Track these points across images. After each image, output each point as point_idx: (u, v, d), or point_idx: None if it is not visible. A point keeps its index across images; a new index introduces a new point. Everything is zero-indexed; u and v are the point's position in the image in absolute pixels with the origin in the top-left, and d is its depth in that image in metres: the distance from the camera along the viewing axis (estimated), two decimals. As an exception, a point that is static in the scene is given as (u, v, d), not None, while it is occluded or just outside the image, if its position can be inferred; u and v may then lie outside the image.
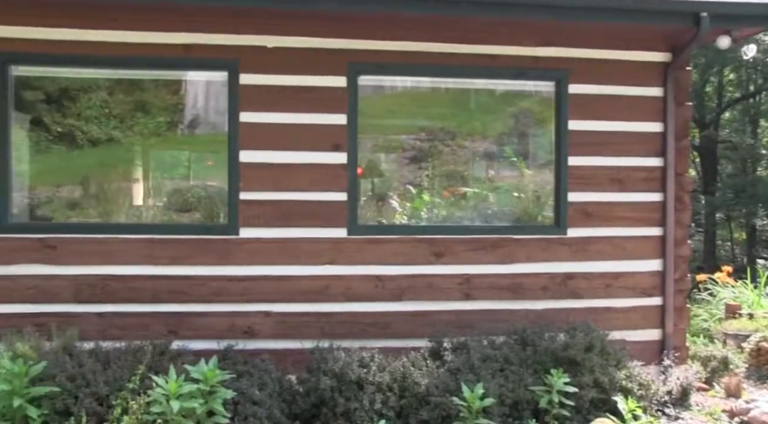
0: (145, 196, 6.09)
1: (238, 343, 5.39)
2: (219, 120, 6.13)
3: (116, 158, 6.02)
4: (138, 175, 6.06)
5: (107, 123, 5.87)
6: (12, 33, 5.46)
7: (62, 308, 5.51)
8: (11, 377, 4.29)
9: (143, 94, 5.98)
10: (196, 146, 6.23)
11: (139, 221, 5.92)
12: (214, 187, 6.10)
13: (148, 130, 5.96)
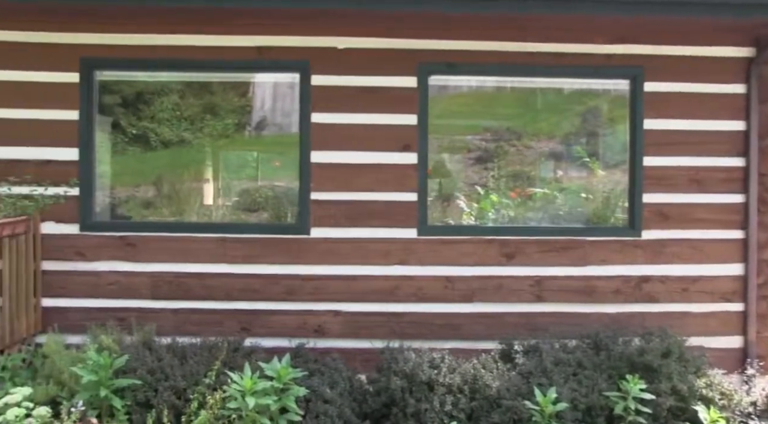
0: (215, 196, 6.23)
1: (309, 341, 5.46)
2: (285, 121, 6.22)
3: (187, 159, 6.18)
4: (208, 176, 6.21)
5: (179, 125, 6.03)
6: (96, 40, 5.69)
7: (141, 303, 5.71)
8: (97, 368, 4.47)
9: (212, 97, 6.12)
10: (264, 147, 6.35)
11: (210, 220, 6.06)
12: (281, 187, 6.19)
13: (217, 132, 6.10)
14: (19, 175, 5.49)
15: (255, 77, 6.22)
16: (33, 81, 5.71)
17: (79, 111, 5.69)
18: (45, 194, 5.45)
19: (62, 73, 5.71)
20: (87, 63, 5.70)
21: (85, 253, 5.70)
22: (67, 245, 5.70)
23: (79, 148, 5.69)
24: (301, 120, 5.73)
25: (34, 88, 5.70)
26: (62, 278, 5.71)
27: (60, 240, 5.69)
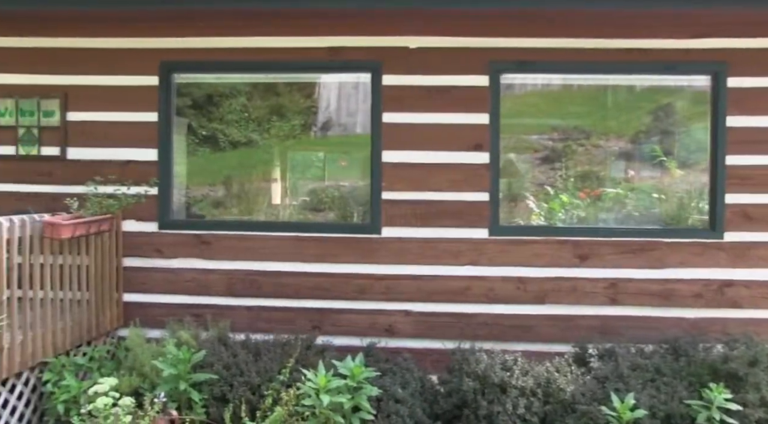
0: (282, 195, 6.32)
1: (379, 341, 5.48)
2: (350, 121, 6.26)
3: (255, 160, 6.29)
4: (276, 176, 6.30)
5: (246, 126, 6.15)
6: (174, 44, 5.86)
7: (216, 300, 5.85)
8: (176, 362, 4.60)
9: (279, 99, 6.21)
10: (329, 147, 6.39)
11: (279, 219, 6.13)
12: (346, 187, 6.24)
13: (284, 133, 6.18)
14: (103, 175, 5.71)
15: (321, 78, 6.27)
16: (115, 85, 5.93)
17: (157, 113, 5.88)
18: (127, 193, 5.65)
19: (142, 76, 5.91)
20: (166, 66, 5.88)
21: (163, 250, 5.89)
22: (146, 242, 5.90)
23: (158, 149, 5.88)
24: (373, 120, 5.76)
25: (116, 91, 5.92)
26: (142, 275, 5.91)
27: (140, 238, 5.90)
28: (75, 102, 5.97)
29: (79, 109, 5.97)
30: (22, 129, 5.99)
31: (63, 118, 5.95)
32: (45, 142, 5.99)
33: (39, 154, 5.98)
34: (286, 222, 6.08)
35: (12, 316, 4.42)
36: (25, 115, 5.98)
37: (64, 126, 5.96)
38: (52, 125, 5.97)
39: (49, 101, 5.96)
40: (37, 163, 5.99)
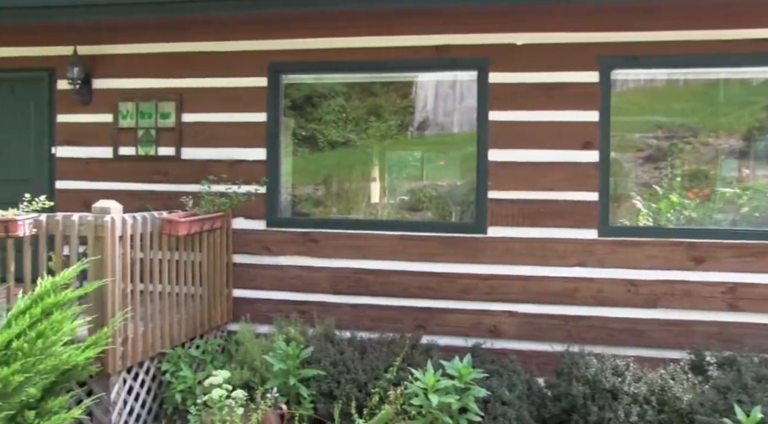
0: (381, 195, 6.34)
1: (484, 341, 5.41)
2: (447, 121, 6.20)
3: (352, 159, 6.34)
4: (374, 175, 6.33)
5: (344, 126, 6.21)
6: (283, 46, 6.00)
7: (321, 297, 5.95)
8: (285, 357, 4.71)
9: (376, 99, 6.23)
10: (426, 147, 6.35)
11: (378, 218, 6.15)
12: (444, 187, 6.19)
13: (381, 133, 6.20)
14: (214, 174, 5.92)
15: (419, 78, 6.24)
16: (225, 86, 6.14)
17: (266, 113, 6.04)
18: (238, 192, 5.83)
19: (251, 78, 6.09)
20: (274, 68, 6.03)
21: (270, 248, 6.05)
22: (255, 239, 6.07)
23: (267, 149, 6.05)
24: (479, 118, 5.69)
25: (227, 93, 6.13)
26: (251, 271, 6.09)
27: (248, 235, 6.08)
28: (189, 104, 6.23)
29: (192, 111, 6.22)
30: (141, 130, 6.30)
31: (178, 119, 6.22)
32: (161, 143, 6.28)
33: (156, 155, 6.28)
34: (391, 221, 6.09)
35: (135, 308, 4.66)
36: (144, 117, 6.29)
37: (179, 127, 6.23)
38: (168, 126, 6.25)
39: (165, 103, 6.24)
40: (154, 163, 6.30)
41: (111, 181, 6.38)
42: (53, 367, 3.66)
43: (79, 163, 6.50)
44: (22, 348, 3.56)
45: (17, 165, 6.73)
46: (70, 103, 6.48)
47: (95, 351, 3.90)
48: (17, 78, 6.74)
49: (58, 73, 6.50)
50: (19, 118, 6.74)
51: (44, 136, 6.63)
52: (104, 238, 4.36)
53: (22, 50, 6.64)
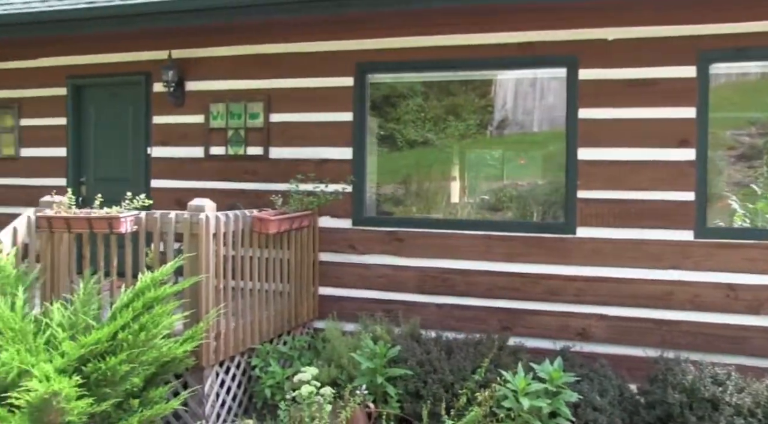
0: (461, 194, 6.28)
1: (573, 344, 5.29)
2: (527, 120, 6.09)
3: (431, 159, 6.30)
4: (454, 175, 6.28)
5: (423, 126, 6.18)
6: (369, 45, 6.04)
7: (406, 296, 5.95)
8: (373, 356, 4.74)
9: (454, 99, 6.18)
10: (506, 146, 6.25)
11: (468, 218, 6.09)
12: (524, 186, 6.07)
13: (459, 132, 6.14)
14: (301, 173, 6.02)
15: (497, 77, 6.15)
16: (312, 87, 6.24)
17: (352, 113, 6.09)
18: (326, 191, 5.90)
19: (338, 78, 6.15)
20: (361, 68, 6.07)
21: (356, 246, 6.09)
22: (341, 238, 6.14)
23: (353, 148, 6.10)
24: (568, 116, 5.56)
25: (314, 93, 6.22)
26: (336, 269, 6.16)
27: (335, 233, 6.15)
28: (277, 104, 6.36)
29: (280, 111, 6.35)
30: (231, 131, 6.48)
31: (266, 119, 6.36)
32: (250, 143, 6.43)
33: (245, 154, 6.44)
34: (476, 220, 6.02)
35: (226, 304, 4.78)
36: (234, 117, 6.46)
37: (267, 127, 6.36)
38: (256, 127, 6.40)
39: (254, 104, 6.40)
40: (243, 162, 6.46)
41: (202, 180, 6.59)
42: (155, 359, 3.81)
43: (172, 162, 6.75)
44: (127, 340, 3.72)
45: (117, 165, 7.06)
46: (165, 106, 6.74)
47: (192, 345, 4.03)
48: (117, 83, 7.07)
49: (154, 77, 6.76)
50: (119, 121, 7.07)
51: (141, 138, 6.92)
52: (199, 235, 4.49)
53: (121, 56, 6.95)
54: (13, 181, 7.52)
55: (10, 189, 7.51)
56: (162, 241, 4.72)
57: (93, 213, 4.65)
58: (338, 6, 5.51)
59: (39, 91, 7.39)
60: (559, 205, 5.73)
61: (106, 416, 3.79)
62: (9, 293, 4.21)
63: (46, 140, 7.36)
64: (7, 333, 3.83)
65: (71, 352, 3.68)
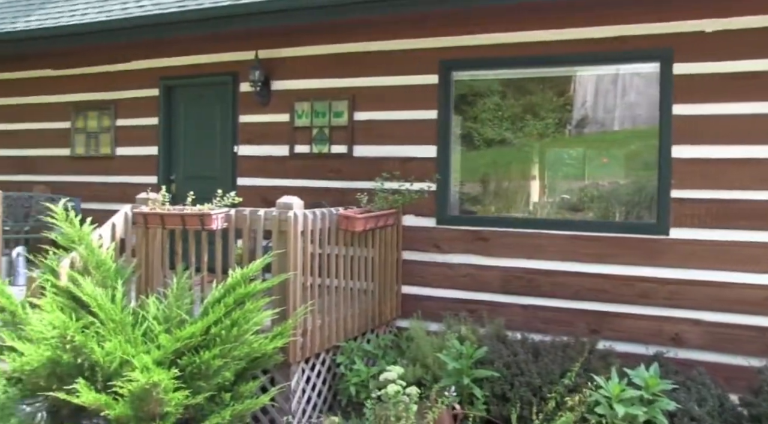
0: (540, 194, 6.13)
1: (666, 350, 5.07)
2: (608, 117, 5.88)
3: (510, 158, 6.17)
4: (533, 174, 6.14)
5: (500, 125, 6.06)
6: (454, 42, 5.98)
7: (490, 297, 5.86)
8: (459, 356, 4.68)
9: (532, 97, 6.03)
10: (587, 145, 6.05)
11: (554, 217, 5.94)
12: (605, 186, 5.86)
13: (537, 131, 5.99)
14: (386, 171, 6.01)
15: (575, 73, 5.95)
16: (396, 85, 6.23)
17: (437, 111, 6.05)
18: (411, 189, 5.87)
19: (422, 76, 6.12)
20: (446, 65, 6.02)
21: (440, 245, 6.05)
22: (424, 237, 6.10)
23: (437, 146, 6.05)
24: (661, 112, 5.34)
25: (398, 91, 6.21)
26: (419, 268, 6.13)
27: (418, 232, 6.12)
28: (361, 102, 6.38)
29: (364, 109, 6.37)
30: (315, 129, 6.55)
31: (350, 118, 6.39)
32: (334, 141, 6.49)
33: (329, 152, 6.49)
34: (562, 220, 5.87)
35: (313, 302, 4.82)
36: (318, 116, 6.53)
37: (351, 125, 6.40)
38: (340, 125, 6.45)
39: (338, 102, 6.44)
40: (327, 161, 6.52)
41: (287, 179, 6.69)
42: (246, 354, 3.89)
43: (257, 161, 6.89)
44: (220, 334, 3.81)
45: (205, 163, 7.26)
46: (251, 105, 6.88)
47: (282, 341, 4.09)
48: (205, 83, 7.28)
49: (241, 77, 6.91)
50: (207, 120, 7.27)
51: (228, 137, 7.09)
52: (287, 232, 4.55)
53: (209, 57, 7.15)
54: (109, 178, 7.86)
55: (106, 186, 7.86)
56: (251, 238, 4.81)
57: (186, 210, 4.79)
58: (425, 4, 5.48)
59: (133, 93, 7.69)
60: (644, 206, 5.53)
61: (200, 409, 3.89)
62: (109, 286, 4.38)
63: (139, 139, 7.66)
64: (108, 324, 3.99)
65: (167, 345, 3.79)
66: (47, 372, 3.74)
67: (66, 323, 3.72)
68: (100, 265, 4.50)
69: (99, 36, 7.09)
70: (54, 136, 8.31)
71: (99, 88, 7.93)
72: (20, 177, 8.50)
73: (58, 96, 8.26)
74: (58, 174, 8.26)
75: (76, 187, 7.96)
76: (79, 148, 8.10)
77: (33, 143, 8.50)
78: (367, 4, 5.63)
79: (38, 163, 8.45)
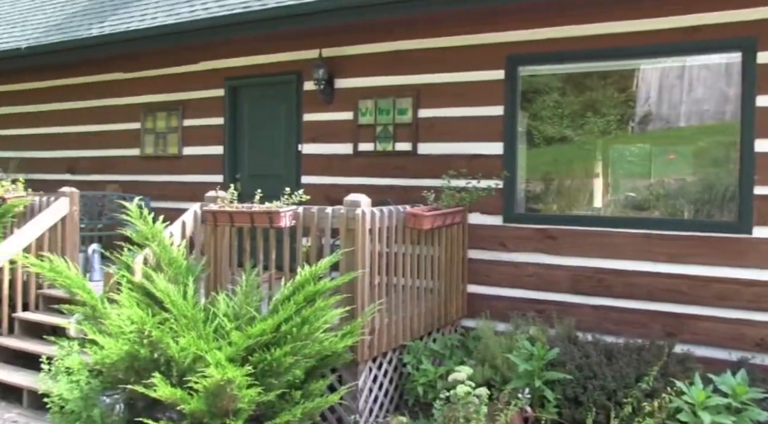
0: (604, 192, 5.93)
1: (752, 356, 4.83)
2: (673, 114, 5.65)
3: (572, 155, 5.99)
4: (597, 171, 5.94)
5: (560, 122, 5.89)
6: (520, 37, 5.85)
7: (559, 297, 5.71)
8: (529, 358, 4.56)
9: (592, 94, 5.84)
10: (651, 141, 5.81)
11: (626, 215, 5.74)
12: (671, 183, 5.61)
13: (598, 129, 5.79)
14: (451, 168, 5.91)
15: (641, 69, 5.72)
16: (461, 81, 6.14)
17: (503, 107, 5.92)
18: (478, 187, 5.77)
19: (488, 71, 6.01)
20: (512, 60, 5.89)
21: (507, 244, 5.92)
22: (490, 235, 5.99)
23: (503, 143, 5.93)
24: (743, 105, 5.08)
25: (463, 87, 6.11)
26: (485, 267, 6.02)
27: (484, 230, 6.01)
28: (425, 99, 6.31)
29: (428, 106, 6.30)
30: (379, 127, 6.51)
31: (414, 115, 6.33)
32: (399, 139, 6.43)
33: (393, 150, 6.45)
34: (637, 218, 5.63)
35: (381, 300, 4.78)
36: (382, 114, 6.49)
37: (416, 123, 6.33)
38: (404, 122, 6.39)
39: (402, 100, 6.39)
40: (391, 158, 6.48)
41: (351, 177, 6.68)
42: (317, 352, 3.87)
43: (321, 159, 6.90)
44: (291, 332, 3.80)
45: (269, 162, 7.32)
46: (315, 103, 6.89)
47: (352, 340, 4.06)
48: (269, 82, 7.34)
49: (304, 76, 6.93)
50: (271, 120, 7.33)
51: (292, 135, 7.13)
52: (355, 230, 4.52)
53: (273, 57, 7.21)
54: (176, 178, 8.02)
55: (173, 185, 8.01)
56: (317, 236, 4.80)
57: (254, 208, 4.81)
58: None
59: (200, 93, 7.83)
60: (715, 204, 5.29)
61: (270, 406, 3.90)
62: (181, 283, 4.44)
63: (205, 139, 7.79)
64: (181, 320, 4.03)
65: (239, 342, 3.80)
66: (125, 365, 3.81)
67: (143, 319, 3.78)
68: (172, 262, 4.56)
69: (167, 38, 7.23)
70: (125, 137, 8.54)
71: (167, 90, 8.10)
72: (94, 177, 8.77)
73: (129, 98, 8.48)
74: (129, 174, 8.48)
75: (145, 187, 8.16)
76: (148, 148, 8.30)
77: (106, 144, 8.76)
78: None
79: (110, 163, 8.70)
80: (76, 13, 8.99)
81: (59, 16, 9.17)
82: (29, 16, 9.79)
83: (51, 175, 9.19)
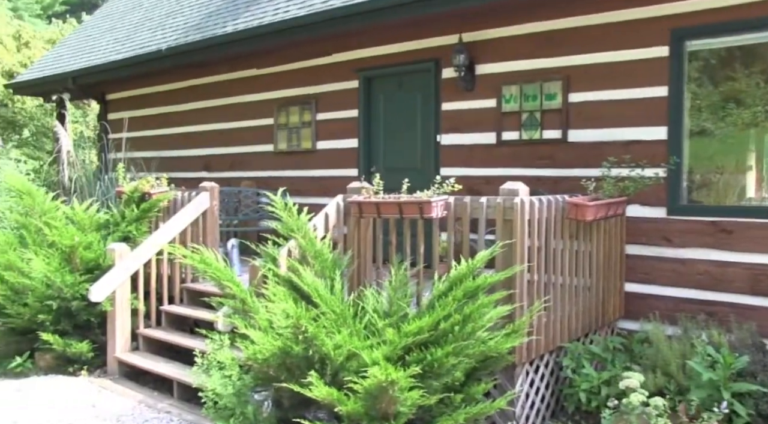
0: (757, 188, 5.21)
1: None
2: None
3: (739, 140, 5.28)
4: (750, 163, 5.23)
5: (698, 116, 5.33)
6: (682, 8, 5.26)
7: (734, 298, 5.08)
8: (712, 365, 4.03)
9: (734, 84, 5.12)
10: None
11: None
12: None
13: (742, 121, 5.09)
14: (604, 156, 5.41)
15: None
16: (616, 61, 5.62)
17: (667, 87, 5.36)
18: (643, 175, 5.24)
19: (648, 48, 5.46)
20: (677, 34, 5.31)
21: (671, 238, 5.35)
22: (652, 229, 5.44)
23: (668, 127, 5.36)
24: None
25: (619, 67, 5.60)
26: (645, 264, 5.48)
27: (645, 224, 5.47)
28: (576, 83, 5.84)
29: (580, 90, 5.82)
30: (525, 114, 6.10)
31: (564, 100, 5.88)
32: (546, 126, 6.00)
33: (540, 138, 6.02)
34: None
35: (539, 298, 4.39)
36: (528, 99, 6.08)
37: (566, 108, 5.88)
38: (553, 108, 5.95)
39: (550, 84, 5.95)
40: (538, 147, 6.05)
41: (494, 167, 6.30)
42: (481, 352, 3.55)
43: (462, 149, 6.57)
44: (452, 330, 3.51)
45: (405, 154, 7.08)
46: (454, 91, 6.58)
47: (519, 340, 3.71)
48: (404, 71, 7.10)
49: (442, 63, 6.64)
50: (407, 110, 7.09)
51: (430, 125, 6.85)
52: (513, 221, 4.16)
53: (408, 45, 6.96)
54: (310, 172, 7.97)
55: (307, 180, 7.96)
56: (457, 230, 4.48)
57: (402, 198, 4.56)
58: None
59: (333, 86, 7.72)
60: None
61: (428, 409, 3.62)
62: (327, 277, 4.26)
63: (339, 133, 7.67)
64: (329, 315, 3.84)
65: (395, 340, 3.55)
66: (277, 362, 3.65)
67: (299, 313, 3.60)
68: (318, 255, 4.39)
69: (300, 30, 7.14)
70: (258, 133, 8.59)
71: (300, 84, 8.06)
72: (229, 173, 8.90)
73: (262, 94, 8.52)
74: (263, 170, 8.52)
75: (278, 182, 8.11)
76: (281, 144, 8.30)
77: (240, 141, 8.86)
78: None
79: (245, 159, 8.79)
80: (212, 12, 9.16)
81: (197, 16, 9.39)
82: (169, 19, 10.11)
83: (188, 173, 9.43)
